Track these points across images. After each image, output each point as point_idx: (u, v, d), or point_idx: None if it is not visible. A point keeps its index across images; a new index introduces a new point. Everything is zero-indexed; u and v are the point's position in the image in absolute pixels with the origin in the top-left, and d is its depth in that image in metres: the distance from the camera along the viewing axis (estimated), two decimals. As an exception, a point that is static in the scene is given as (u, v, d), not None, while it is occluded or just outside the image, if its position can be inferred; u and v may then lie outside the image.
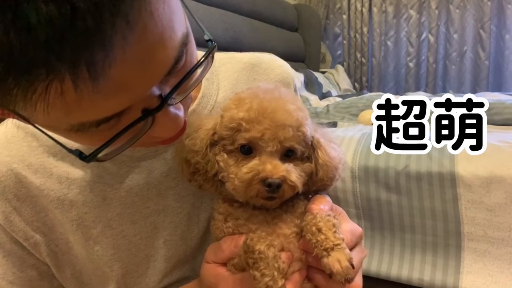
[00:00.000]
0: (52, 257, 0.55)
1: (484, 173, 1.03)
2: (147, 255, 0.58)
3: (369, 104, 1.90)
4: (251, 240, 0.45)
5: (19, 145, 0.54)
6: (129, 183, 0.56)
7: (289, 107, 0.47)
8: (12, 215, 0.53)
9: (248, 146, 0.47)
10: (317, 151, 0.51)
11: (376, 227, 1.18)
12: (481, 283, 1.03)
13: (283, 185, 0.46)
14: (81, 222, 0.55)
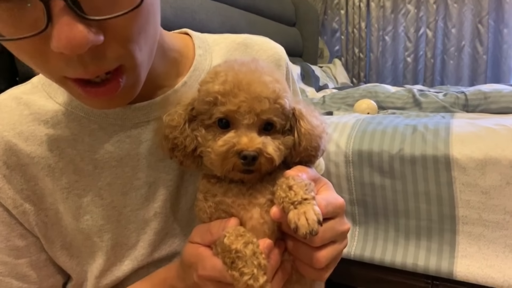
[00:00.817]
0: (42, 227, 0.55)
1: (479, 155, 1.01)
2: (137, 227, 0.58)
3: (365, 95, 1.89)
4: (228, 238, 0.44)
5: (10, 114, 0.54)
6: (120, 152, 0.56)
7: (265, 79, 0.46)
8: (1, 182, 0.52)
9: (225, 120, 0.47)
10: (299, 121, 0.50)
11: (370, 213, 1.16)
12: (476, 267, 1.01)
13: (259, 158, 0.45)
14: (71, 190, 0.55)
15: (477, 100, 1.66)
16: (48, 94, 0.57)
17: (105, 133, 0.56)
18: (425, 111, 1.70)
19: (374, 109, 1.71)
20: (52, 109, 0.55)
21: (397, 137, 1.13)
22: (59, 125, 0.55)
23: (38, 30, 0.37)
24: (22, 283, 0.55)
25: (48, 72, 0.43)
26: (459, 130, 1.09)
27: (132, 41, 0.43)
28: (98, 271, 0.58)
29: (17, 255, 0.55)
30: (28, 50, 0.40)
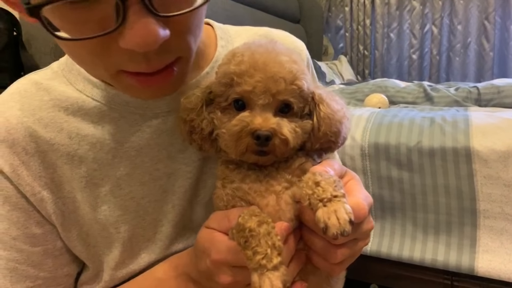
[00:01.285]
0: (59, 215, 0.54)
1: (501, 147, 0.98)
2: (155, 219, 0.57)
3: (375, 89, 1.87)
4: (243, 218, 0.43)
5: (31, 99, 0.54)
6: (140, 142, 0.55)
7: (282, 59, 0.45)
8: (20, 168, 0.52)
9: (241, 101, 0.46)
10: (318, 105, 0.49)
11: (387, 207, 1.13)
12: (498, 262, 0.98)
13: (273, 139, 0.44)
14: (90, 180, 0.54)
15: (490, 94, 1.63)
16: (68, 80, 0.56)
17: (125, 122, 0.55)
18: (436, 105, 1.67)
19: (386, 104, 1.68)
20: (72, 96, 0.55)
21: (414, 129, 1.10)
22: (79, 112, 0.54)
23: (108, 27, 0.37)
24: (37, 271, 0.54)
25: (103, 67, 0.43)
26: (479, 122, 1.07)
27: (191, 34, 0.45)
28: (114, 262, 0.57)
29: (34, 243, 0.54)
30: (89, 47, 0.40)
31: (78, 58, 0.45)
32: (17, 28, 1.58)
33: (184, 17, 0.41)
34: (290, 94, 0.45)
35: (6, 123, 0.52)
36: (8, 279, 0.53)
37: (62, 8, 0.37)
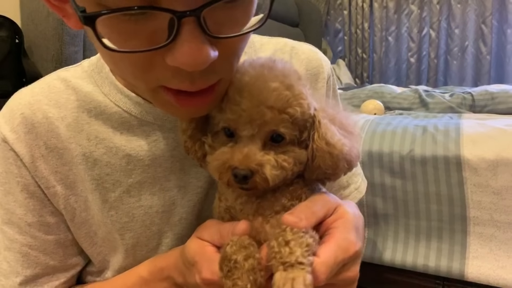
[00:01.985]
0: (69, 211, 0.56)
1: (490, 156, 1.01)
2: (160, 230, 0.58)
3: (372, 95, 1.89)
4: (231, 247, 0.41)
5: (58, 96, 0.55)
6: (155, 152, 0.56)
7: (271, 85, 0.41)
8: (39, 161, 0.53)
9: (229, 129, 0.43)
10: (313, 135, 0.44)
11: (380, 213, 1.16)
12: (487, 268, 1.01)
13: (254, 176, 0.41)
14: (101, 183, 0.55)
15: (484, 101, 1.66)
16: (95, 82, 0.56)
17: (143, 131, 0.56)
18: (432, 111, 1.70)
19: (381, 110, 1.71)
20: (97, 99, 0.55)
21: (407, 137, 1.13)
22: (101, 116, 0.55)
23: (157, 42, 0.36)
24: (48, 259, 0.56)
25: (144, 81, 0.42)
26: (469, 130, 1.09)
27: (236, 56, 0.44)
28: (118, 265, 0.58)
29: (47, 231, 0.56)
30: (134, 59, 0.39)
31: (118, 68, 0.44)
32: (19, 36, 1.58)
33: (233, 39, 0.40)
34: (280, 123, 0.42)
35: (33, 115, 0.54)
36: (20, 263, 0.55)
37: (115, 18, 0.36)
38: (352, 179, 0.69)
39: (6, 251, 0.56)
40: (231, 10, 0.38)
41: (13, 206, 0.55)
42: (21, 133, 0.53)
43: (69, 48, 1.60)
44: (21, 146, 0.53)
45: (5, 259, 0.56)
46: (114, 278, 0.59)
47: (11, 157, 0.53)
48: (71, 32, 1.60)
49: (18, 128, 0.53)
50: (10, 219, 0.55)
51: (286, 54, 0.64)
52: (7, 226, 0.55)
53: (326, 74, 0.65)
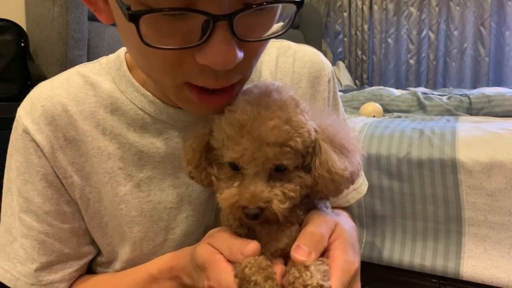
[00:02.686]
0: (84, 201, 0.58)
1: (484, 158, 1.04)
2: (167, 226, 0.60)
3: (371, 98, 1.92)
4: (250, 269, 0.42)
5: (77, 90, 0.57)
6: (166, 150, 0.58)
7: (271, 124, 0.42)
8: (58, 152, 0.56)
9: (234, 163, 0.45)
10: (315, 160, 0.45)
11: (378, 215, 1.19)
12: (481, 268, 1.04)
13: (264, 212, 0.43)
14: (113, 176, 0.57)
15: (481, 104, 1.69)
16: (113, 79, 0.59)
17: (156, 129, 0.58)
18: (429, 114, 1.73)
19: (380, 112, 1.74)
20: (114, 96, 0.58)
21: (404, 141, 1.16)
22: (117, 112, 0.57)
23: (190, 41, 0.39)
24: (63, 246, 0.59)
25: (172, 76, 0.45)
26: (465, 134, 1.13)
27: (257, 58, 0.47)
28: (125, 257, 0.60)
29: (63, 220, 0.58)
30: (166, 56, 0.42)
31: (148, 64, 0.46)
32: (24, 40, 1.60)
33: (257, 43, 0.44)
34: (282, 156, 0.43)
35: (53, 108, 0.56)
36: (36, 250, 0.57)
37: (155, 17, 0.38)
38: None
39: (23, 238, 0.57)
40: (259, 17, 0.42)
41: (32, 194, 0.56)
42: (42, 124, 0.55)
43: (73, 52, 1.63)
44: (41, 137, 0.55)
45: (22, 246, 0.58)
46: (124, 272, 0.61)
47: (32, 147, 0.55)
48: (76, 36, 1.63)
49: (39, 119, 0.55)
50: (29, 207, 0.57)
51: (290, 57, 0.66)
52: (25, 214, 0.57)
53: (328, 77, 0.67)
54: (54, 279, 0.59)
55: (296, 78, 0.66)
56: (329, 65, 0.68)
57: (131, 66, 0.59)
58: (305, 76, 0.66)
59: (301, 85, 0.66)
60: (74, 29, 1.61)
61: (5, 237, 0.59)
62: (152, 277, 0.57)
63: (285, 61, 0.66)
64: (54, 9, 1.61)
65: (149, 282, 0.57)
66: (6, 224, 0.60)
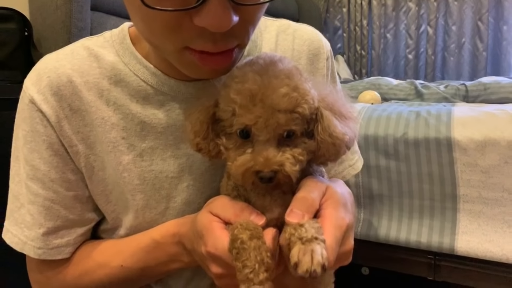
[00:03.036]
0: (89, 169, 0.60)
1: (479, 137, 1.07)
2: (168, 194, 0.62)
3: (369, 87, 1.95)
4: (238, 229, 0.45)
5: (81, 62, 0.59)
6: (168, 121, 0.60)
7: (282, 91, 0.45)
8: (63, 121, 0.58)
9: (245, 131, 0.47)
10: (317, 125, 0.49)
11: (375, 193, 1.22)
12: (475, 242, 1.07)
13: (277, 175, 0.45)
14: (116, 146, 0.59)
15: (477, 91, 1.72)
16: (117, 52, 0.60)
17: (158, 100, 0.60)
18: (427, 101, 1.76)
19: (378, 100, 1.77)
20: (117, 68, 0.60)
21: (401, 122, 1.19)
22: (120, 84, 0.59)
23: (188, 4, 0.42)
24: (68, 212, 0.61)
25: (172, 41, 0.47)
26: (460, 114, 1.16)
27: (253, 25, 0.49)
28: (129, 224, 0.63)
29: (68, 187, 0.60)
30: (165, 19, 0.44)
31: (149, 29, 0.48)
32: (28, 29, 1.63)
33: (253, 8, 0.46)
34: (292, 122, 0.46)
35: (58, 79, 0.58)
36: (42, 215, 0.59)
37: None
38: (348, 156, 0.73)
39: (29, 205, 0.60)
40: None
41: (38, 163, 0.58)
42: (48, 94, 0.57)
43: (76, 40, 1.66)
44: (47, 107, 0.57)
45: (29, 211, 0.60)
46: (128, 238, 0.64)
47: (38, 117, 0.57)
48: (79, 25, 1.65)
49: (44, 90, 0.57)
50: (35, 175, 0.59)
51: (290, 35, 0.68)
52: (31, 181, 0.59)
53: (326, 55, 0.69)
54: (60, 243, 0.61)
55: (296, 56, 0.67)
56: (327, 44, 0.71)
57: (134, 39, 0.61)
58: (305, 53, 0.68)
59: (300, 62, 0.67)
60: (77, 18, 1.64)
61: (13, 203, 0.62)
62: (156, 242, 0.60)
63: (285, 38, 0.68)
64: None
65: (152, 247, 0.60)
66: (13, 191, 0.62)
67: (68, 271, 0.64)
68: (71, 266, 0.64)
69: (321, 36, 0.71)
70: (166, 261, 0.60)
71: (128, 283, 0.64)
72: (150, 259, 0.61)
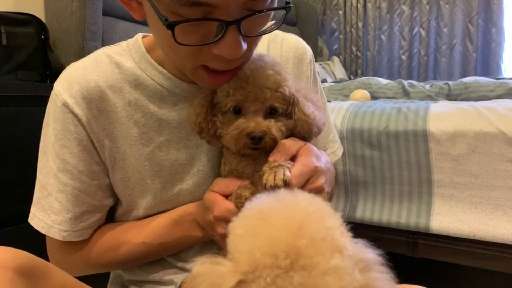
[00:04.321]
0: (111, 159, 0.69)
1: (450, 129, 1.22)
2: (182, 178, 0.71)
3: (360, 86, 2.09)
4: (240, 189, 0.57)
5: (105, 68, 0.67)
6: (180, 118, 0.69)
7: (267, 73, 0.57)
8: (92, 120, 0.66)
9: (237, 107, 0.58)
10: (294, 108, 0.60)
11: (361, 180, 1.36)
12: (447, 222, 1.21)
13: (264, 137, 0.56)
14: (138, 140, 0.68)
15: (459, 90, 1.86)
16: (134, 60, 0.68)
17: (172, 101, 0.68)
18: (413, 100, 1.90)
19: (368, 98, 1.91)
20: (136, 73, 0.67)
21: (384, 116, 1.34)
22: (139, 87, 0.67)
23: (208, 38, 0.51)
24: (91, 199, 0.69)
25: (191, 61, 0.56)
26: (435, 109, 1.30)
27: (256, 46, 0.59)
28: (148, 205, 0.71)
29: (92, 177, 0.68)
30: (189, 49, 0.53)
31: (175, 53, 0.56)
32: (44, 32, 1.72)
33: (257, 36, 0.56)
34: (275, 99, 0.57)
35: (87, 85, 0.65)
36: (71, 203, 0.67)
37: (185, 24, 0.49)
38: (329, 145, 0.83)
39: (58, 193, 0.66)
40: (258, 19, 0.53)
41: (68, 157, 0.65)
42: (79, 98, 0.64)
43: (89, 43, 1.76)
44: (79, 109, 0.64)
45: (57, 199, 0.67)
46: (148, 219, 0.72)
47: (70, 118, 0.65)
48: (92, 29, 1.76)
49: (76, 94, 0.64)
50: (65, 168, 0.66)
51: (278, 43, 0.77)
52: (61, 173, 0.66)
53: (309, 59, 0.79)
54: (83, 226, 0.69)
55: (284, 61, 0.76)
56: (309, 50, 0.80)
57: (148, 48, 0.69)
58: (291, 59, 0.77)
59: (288, 66, 0.76)
60: (91, 22, 1.74)
61: (41, 192, 0.68)
62: (174, 221, 0.70)
63: (274, 46, 0.77)
64: (73, 4, 1.73)
65: (171, 226, 0.70)
66: (41, 181, 0.68)
67: (91, 249, 0.71)
68: (94, 245, 0.71)
69: (304, 44, 0.80)
70: (181, 236, 0.70)
71: (147, 258, 0.73)
72: (168, 235, 0.70)
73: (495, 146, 1.16)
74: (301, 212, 0.39)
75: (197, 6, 0.48)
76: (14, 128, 1.24)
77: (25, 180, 0.72)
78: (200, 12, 0.49)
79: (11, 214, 1.20)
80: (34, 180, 0.70)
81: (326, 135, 0.82)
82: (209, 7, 0.49)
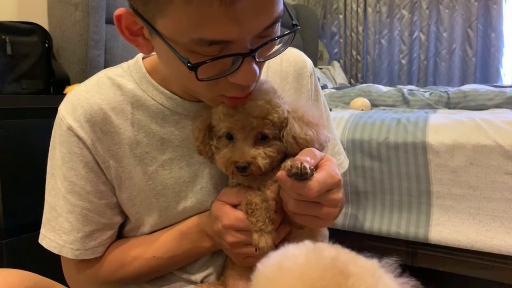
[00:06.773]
0: (118, 179, 0.70)
1: (449, 141, 1.24)
2: (186, 196, 0.71)
3: (360, 94, 2.11)
4: (250, 195, 0.59)
5: (107, 91, 0.68)
6: (182, 135, 0.70)
7: (256, 103, 0.58)
8: (97, 142, 0.67)
9: (229, 133, 0.60)
10: (283, 134, 0.61)
11: (361, 190, 1.38)
12: (446, 233, 1.24)
13: (250, 166, 0.58)
14: (142, 159, 0.69)
15: (458, 98, 1.88)
16: (135, 80, 0.69)
17: (173, 119, 0.69)
18: (412, 108, 1.92)
19: (368, 107, 1.93)
20: (137, 94, 0.69)
21: (383, 128, 1.36)
22: (141, 107, 0.68)
23: (225, 70, 0.53)
24: (100, 218, 0.70)
25: (210, 92, 0.58)
26: (434, 121, 1.32)
27: (263, 66, 0.61)
28: (154, 222, 0.72)
29: (100, 197, 0.69)
30: (208, 81, 0.54)
31: (192, 84, 0.56)
32: (48, 41, 1.72)
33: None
34: (263, 127, 0.59)
35: (90, 108, 0.66)
36: (80, 222, 0.68)
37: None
38: (335, 157, 0.83)
39: (68, 214, 0.68)
40: (271, 44, 0.56)
41: (75, 179, 0.67)
42: (83, 122, 0.65)
43: (93, 52, 1.78)
44: (83, 132, 0.65)
45: (67, 220, 0.68)
46: (157, 233, 0.73)
47: (75, 141, 0.66)
48: (95, 38, 1.78)
49: (80, 118, 0.65)
50: (73, 189, 0.67)
51: (278, 58, 0.74)
52: (70, 194, 0.67)
53: (309, 72, 0.80)
54: (94, 244, 0.70)
55: (284, 75, 0.78)
56: (310, 63, 0.81)
57: (149, 69, 0.70)
58: (291, 73, 0.78)
59: (288, 81, 0.78)
60: (94, 31, 1.76)
61: (50, 213, 0.69)
62: (183, 233, 0.71)
63: (274, 61, 0.77)
64: (76, 13, 1.74)
65: (180, 238, 0.71)
66: (51, 203, 0.69)
67: (104, 267, 0.72)
68: (107, 262, 0.72)
69: (305, 57, 0.80)
70: (190, 248, 0.70)
71: (159, 272, 0.73)
72: (177, 247, 0.70)
73: (493, 158, 1.18)
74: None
75: (215, 44, 0.50)
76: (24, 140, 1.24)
77: (40, 188, 0.73)
78: (218, 49, 0.51)
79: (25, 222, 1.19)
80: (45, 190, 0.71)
81: (332, 147, 0.83)
82: (226, 42, 0.50)
